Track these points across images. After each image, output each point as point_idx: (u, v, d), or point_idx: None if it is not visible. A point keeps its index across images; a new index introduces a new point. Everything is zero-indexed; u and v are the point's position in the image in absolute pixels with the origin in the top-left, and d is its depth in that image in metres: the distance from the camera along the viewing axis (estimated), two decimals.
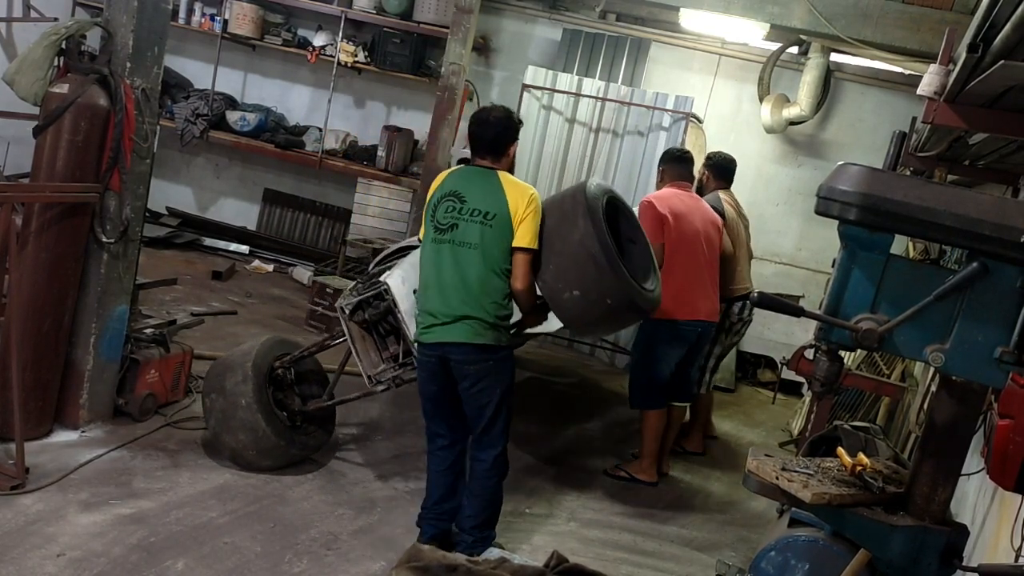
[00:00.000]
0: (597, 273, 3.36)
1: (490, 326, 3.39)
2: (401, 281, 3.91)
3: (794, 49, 7.74)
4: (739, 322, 5.47)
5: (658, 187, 5.15)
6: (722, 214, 5.29)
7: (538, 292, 3.53)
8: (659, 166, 5.29)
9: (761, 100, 7.70)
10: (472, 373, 3.42)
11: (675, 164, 5.14)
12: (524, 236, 3.41)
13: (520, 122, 3.67)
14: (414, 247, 4.12)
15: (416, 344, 3.56)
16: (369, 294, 4.04)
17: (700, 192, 5.48)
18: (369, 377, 4.06)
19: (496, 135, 3.51)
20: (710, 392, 5.69)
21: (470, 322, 3.37)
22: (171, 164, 9.14)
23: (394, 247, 4.50)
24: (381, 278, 3.99)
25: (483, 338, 3.38)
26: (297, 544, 3.62)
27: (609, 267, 3.36)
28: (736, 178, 8.10)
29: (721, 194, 5.53)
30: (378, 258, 4.46)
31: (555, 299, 3.47)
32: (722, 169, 5.70)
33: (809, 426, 4.74)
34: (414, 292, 3.76)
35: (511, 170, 3.56)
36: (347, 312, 4.08)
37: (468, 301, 3.37)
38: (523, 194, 3.43)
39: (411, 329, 3.74)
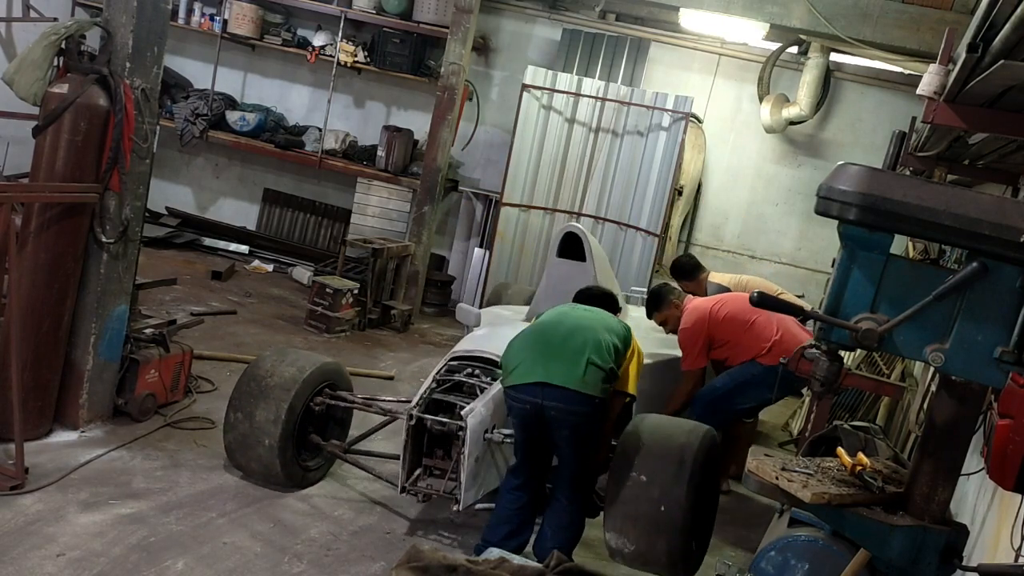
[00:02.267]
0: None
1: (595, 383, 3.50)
2: (479, 421, 3.61)
3: (794, 49, 7.74)
4: None
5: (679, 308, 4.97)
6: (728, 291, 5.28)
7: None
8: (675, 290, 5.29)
9: (761, 100, 7.70)
10: (574, 421, 3.46)
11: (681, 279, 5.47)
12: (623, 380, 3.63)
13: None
14: (495, 371, 3.90)
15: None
16: (442, 419, 3.70)
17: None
18: (404, 488, 3.74)
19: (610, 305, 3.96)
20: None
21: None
22: (171, 164, 9.13)
23: (474, 349, 4.12)
24: (463, 412, 3.62)
25: (584, 387, 3.44)
26: (297, 544, 3.61)
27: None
28: (736, 178, 8.17)
29: (712, 278, 5.53)
30: (456, 353, 4.10)
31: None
32: (676, 270, 5.68)
33: (809, 426, 4.74)
34: (484, 433, 3.61)
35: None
36: (413, 420, 3.71)
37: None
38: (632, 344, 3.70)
39: (464, 479, 3.56)
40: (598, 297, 3.97)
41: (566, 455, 3.51)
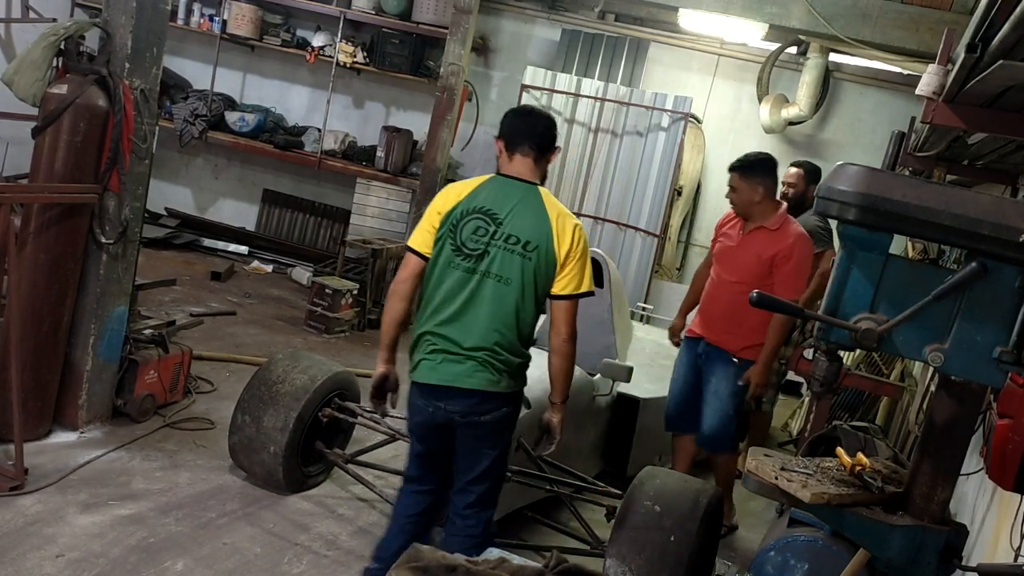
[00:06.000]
0: None
1: (503, 373, 2.88)
2: None
3: (793, 49, 7.75)
4: None
5: (763, 203, 4.20)
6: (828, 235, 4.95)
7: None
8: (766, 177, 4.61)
9: (760, 100, 7.71)
10: (476, 423, 2.91)
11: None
12: (573, 281, 2.88)
13: None
14: None
15: (412, 384, 2.97)
16: None
17: (801, 207, 4.99)
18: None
19: (546, 127, 2.97)
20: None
21: (480, 367, 2.85)
22: (170, 165, 9.13)
23: None
24: None
25: (494, 385, 2.88)
26: (297, 545, 3.62)
27: None
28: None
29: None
30: None
31: None
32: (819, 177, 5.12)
33: (808, 426, 4.74)
34: None
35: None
36: None
37: (483, 341, 2.84)
38: (569, 225, 2.89)
39: None
40: (541, 132, 2.97)
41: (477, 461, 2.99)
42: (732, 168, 4.21)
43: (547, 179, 3.08)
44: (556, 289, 2.88)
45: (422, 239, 2.95)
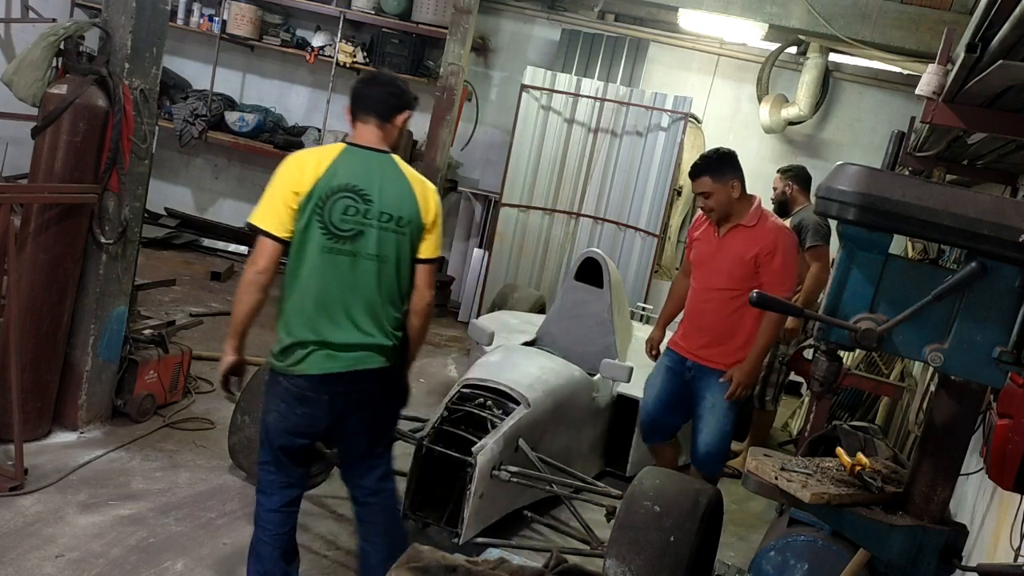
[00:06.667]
0: None
1: (396, 347, 2.89)
2: (488, 459, 3.57)
3: (793, 49, 7.75)
4: None
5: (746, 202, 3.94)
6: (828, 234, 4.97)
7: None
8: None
9: (760, 100, 7.71)
10: (381, 397, 2.91)
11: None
12: (436, 245, 2.91)
13: (415, 96, 2.99)
14: (511, 402, 3.83)
15: (295, 377, 2.82)
16: (452, 453, 3.62)
17: (783, 208, 5.23)
18: (405, 514, 3.64)
19: (389, 93, 2.86)
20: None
21: (378, 347, 2.82)
22: (170, 165, 9.13)
23: (487, 378, 4.01)
24: (473, 449, 3.58)
25: (393, 359, 2.88)
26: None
27: None
28: None
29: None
30: (469, 380, 4.02)
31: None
32: (807, 179, 5.33)
33: (808, 426, 4.73)
34: (492, 471, 3.56)
35: (397, 152, 2.95)
36: (423, 450, 3.64)
37: (375, 323, 2.80)
38: (430, 192, 2.89)
39: (468, 515, 3.50)
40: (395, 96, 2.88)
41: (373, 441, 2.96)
42: (699, 172, 3.81)
43: (399, 147, 3.01)
44: (422, 254, 2.88)
45: (278, 220, 2.71)
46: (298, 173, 2.72)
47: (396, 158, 2.86)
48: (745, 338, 3.84)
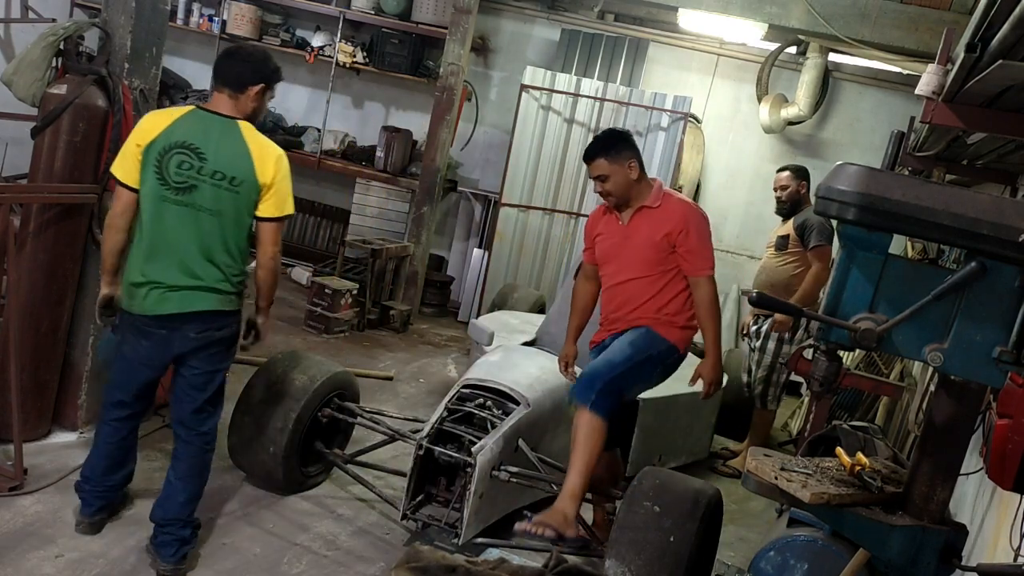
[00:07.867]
0: None
1: (231, 294, 3.15)
2: (488, 459, 3.59)
3: (792, 49, 7.75)
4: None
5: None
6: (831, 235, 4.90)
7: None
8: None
9: (759, 100, 7.71)
10: (212, 340, 3.16)
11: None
12: (276, 206, 3.13)
13: (278, 69, 3.20)
14: (509, 402, 3.85)
15: (137, 315, 3.12)
16: (451, 453, 3.64)
17: (796, 208, 5.21)
18: (405, 514, 3.68)
19: (243, 68, 3.10)
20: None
21: (210, 291, 3.09)
22: None
23: (487, 379, 4.02)
24: (474, 449, 3.58)
25: (226, 304, 3.15)
26: (296, 545, 3.61)
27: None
28: (734, 178, 8.17)
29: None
30: (469, 381, 4.04)
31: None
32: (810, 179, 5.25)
33: (808, 426, 4.74)
34: (492, 471, 3.57)
35: (253, 122, 3.16)
36: (422, 450, 3.65)
37: (208, 270, 3.07)
38: (269, 157, 3.09)
39: (467, 515, 3.52)
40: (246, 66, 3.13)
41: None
42: (593, 154, 3.63)
43: (259, 116, 3.20)
44: (261, 212, 3.13)
45: (126, 170, 3.08)
46: (141, 130, 3.07)
47: (243, 124, 3.09)
48: (673, 306, 3.61)
